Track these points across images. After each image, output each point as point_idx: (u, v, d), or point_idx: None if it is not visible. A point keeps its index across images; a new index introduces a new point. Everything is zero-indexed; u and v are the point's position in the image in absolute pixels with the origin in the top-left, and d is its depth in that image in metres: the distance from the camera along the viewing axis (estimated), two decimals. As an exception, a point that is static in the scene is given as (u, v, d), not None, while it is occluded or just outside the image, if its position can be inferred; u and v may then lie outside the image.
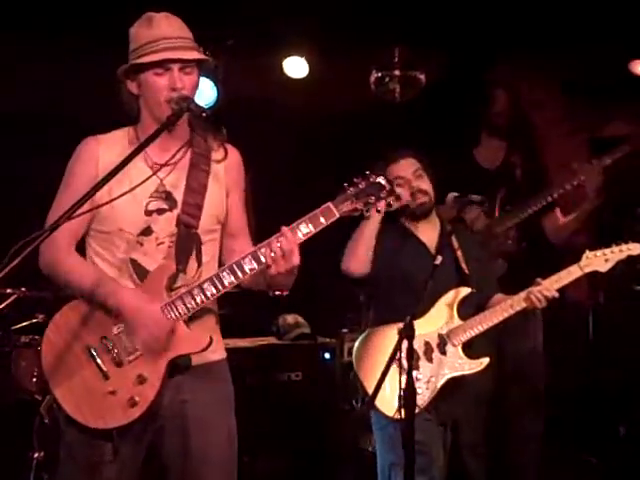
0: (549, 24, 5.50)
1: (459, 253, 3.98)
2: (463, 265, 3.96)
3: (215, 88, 5.75)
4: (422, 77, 6.01)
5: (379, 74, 6.01)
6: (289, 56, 6.01)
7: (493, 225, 4.83)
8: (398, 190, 3.92)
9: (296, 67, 6.02)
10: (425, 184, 3.99)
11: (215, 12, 5.28)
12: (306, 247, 2.93)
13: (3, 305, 4.70)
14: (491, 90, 5.17)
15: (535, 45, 5.80)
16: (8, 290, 4.79)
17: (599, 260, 3.90)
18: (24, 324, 5.12)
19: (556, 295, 3.84)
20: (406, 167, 4.00)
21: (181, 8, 3.06)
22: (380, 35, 5.69)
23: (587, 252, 3.91)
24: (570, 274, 3.90)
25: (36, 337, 5.01)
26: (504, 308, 3.88)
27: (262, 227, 3.16)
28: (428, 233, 4.03)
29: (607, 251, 3.91)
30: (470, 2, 5.39)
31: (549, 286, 3.84)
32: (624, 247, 3.91)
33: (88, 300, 2.94)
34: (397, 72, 5.98)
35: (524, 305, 3.86)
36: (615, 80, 5.93)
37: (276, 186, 6.07)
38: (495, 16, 5.51)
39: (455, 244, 3.98)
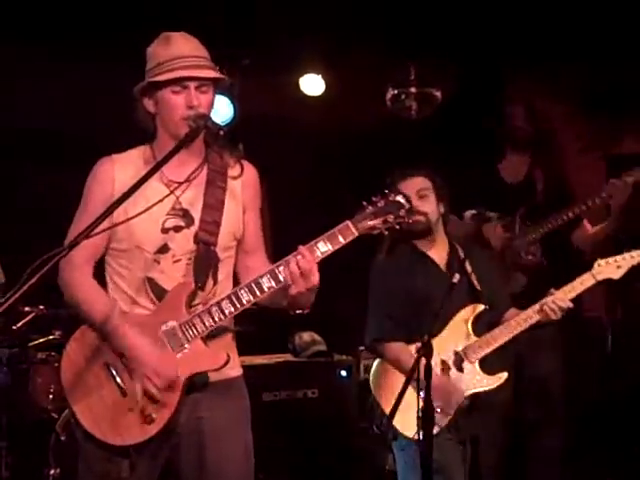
0: (565, 40, 5.51)
1: (470, 270, 3.95)
2: (475, 282, 3.94)
3: (232, 106, 5.78)
4: (438, 94, 6.04)
5: (395, 91, 6.04)
6: (305, 74, 6.04)
7: (513, 239, 4.83)
8: (420, 202, 3.91)
9: (312, 84, 6.05)
10: (426, 206, 3.95)
11: (231, 31, 5.32)
12: (323, 264, 2.92)
13: (21, 323, 4.72)
14: (509, 106, 5.18)
15: (551, 61, 5.81)
16: (26, 308, 4.81)
17: (611, 267, 3.86)
18: (41, 340, 5.14)
19: (570, 305, 3.81)
20: (411, 186, 3.94)
21: (198, 27, 3.08)
22: (396, 52, 5.72)
23: (599, 260, 3.88)
24: (583, 283, 3.86)
25: (53, 354, 5.03)
26: (518, 322, 3.86)
27: (278, 243, 3.17)
28: (438, 252, 4.02)
29: (619, 258, 3.87)
30: (486, 19, 5.40)
31: (563, 296, 3.81)
32: (635, 253, 3.87)
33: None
34: (413, 89, 6.01)
35: (538, 318, 3.83)
36: (631, 96, 5.92)
37: (292, 202, 6.08)
38: (511, 32, 5.53)
39: (466, 261, 3.95)
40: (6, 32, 5.13)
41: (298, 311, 3.03)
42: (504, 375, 3.83)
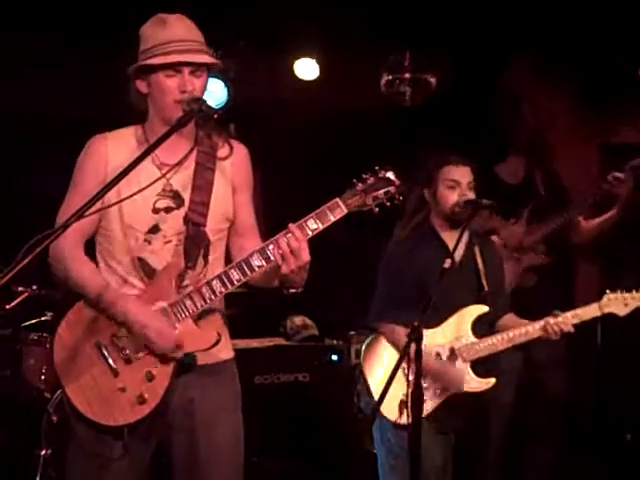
0: (561, 31, 5.50)
1: (481, 267, 3.94)
2: (484, 281, 3.92)
3: (226, 89, 5.77)
4: (433, 80, 6.03)
5: (389, 77, 6.03)
6: (300, 58, 6.02)
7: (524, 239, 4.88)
8: (447, 192, 3.91)
9: (307, 69, 6.03)
10: (472, 197, 3.91)
11: (227, 14, 5.30)
12: (314, 248, 2.92)
13: (14, 303, 4.71)
14: (504, 107, 5.20)
15: (547, 52, 5.80)
16: (20, 288, 4.81)
17: (619, 304, 3.87)
18: (33, 322, 5.14)
19: (571, 330, 3.81)
20: (464, 174, 3.93)
21: (193, 10, 3.07)
22: (391, 38, 5.70)
23: (608, 293, 3.89)
24: (588, 313, 3.87)
25: (44, 335, 5.03)
26: (520, 334, 3.86)
27: (273, 227, 3.16)
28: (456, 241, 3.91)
29: (627, 296, 3.87)
30: (482, 8, 5.39)
31: (566, 320, 3.81)
32: None
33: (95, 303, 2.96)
34: (407, 75, 6.00)
35: (539, 334, 3.84)
36: (626, 87, 5.93)
37: (287, 186, 6.08)
38: (507, 23, 5.52)
39: (479, 258, 3.95)
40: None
41: (291, 290, 3.00)
42: (492, 381, 3.83)
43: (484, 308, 3.89)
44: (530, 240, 4.86)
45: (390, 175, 2.95)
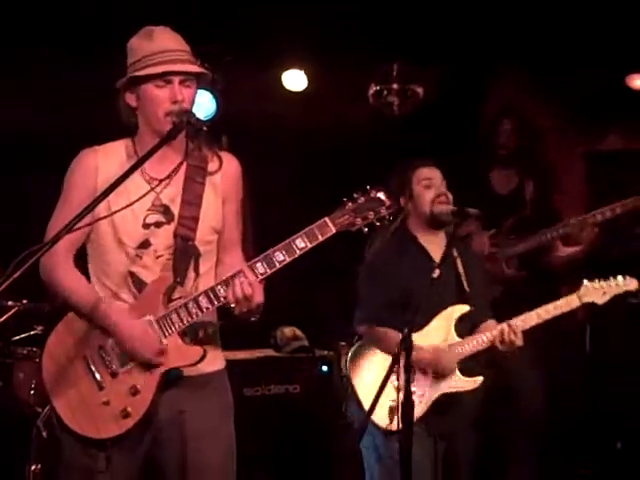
0: (546, 39, 5.53)
1: (461, 270, 3.97)
2: (464, 283, 3.96)
3: (214, 101, 5.77)
4: (420, 90, 6.06)
5: (377, 87, 6.05)
6: (288, 69, 6.04)
7: (498, 251, 4.89)
8: (424, 191, 3.97)
9: (295, 80, 6.05)
10: (450, 195, 4.00)
11: (214, 27, 5.32)
12: (304, 260, 2.92)
13: (4, 317, 4.71)
14: (498, 119, 5.23)
15: (532, 59, 5.83)
16: (9, 302, 4.80)
17: (597, 292, 3.92)
18: (22, 336, 5.13)
19: (519, 343, 3.82)
20: (436, 173, 4.04)
21: (179, 23, 3.08)
22: (379, 49, 5.73)
23: (585, 282, 3.93)
24: (568, 303, 3.92)
25: (34, 349, 5.02)
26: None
27: (260, 240, 3.17)
28: (436, 245, 4.01)
29: (604, 284, 3.93)
30: (470, 18, 5.42)
31: (515, 329, 3.82)
32: (621, 282, 3.95)
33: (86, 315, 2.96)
34: (395, 85, 6.02)
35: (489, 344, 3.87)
36: (611, 94, 5.97)
37: (275, 198, 6.09)
38: (492, 32, 5.55)
39: (457, 259, 3.98)
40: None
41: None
42: (479, 379, 3.86)
43: (465, 307, 3.93)
44: (506, 253, 4.89)
45: (381, 195, 2.93)
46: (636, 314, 5.95)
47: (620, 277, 3.95)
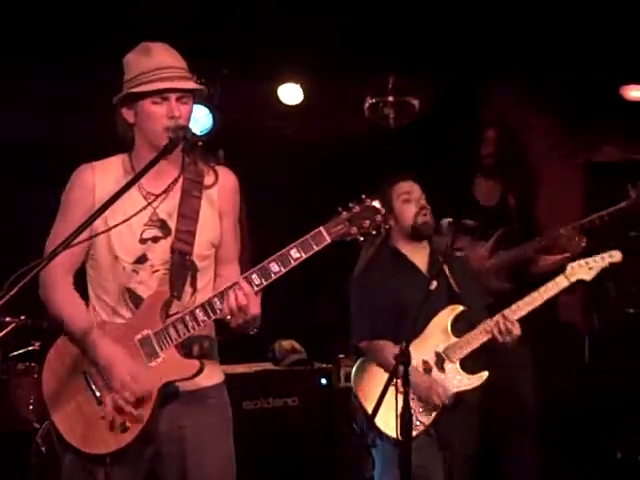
0: (543, 50, 5.56)
1: (450, 276, 3.99)
2: (453, 285, 3.98)
3: (211, 115, 5.79)
4: (416, 103, 6.08)
5: (373, 100, 6.08)
6: (284, 83, 6.06)
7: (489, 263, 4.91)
8: (403, 206, 4.01)
9: (291, 94, 6.07)
10: (429, 207, 4.04)
11: (210, 41, 5.34)
12: (301, 272, 2.91)
13: (2, 333, 4.72)
14: (482, 130, 5.24)
15: (529, 70, 5.86)
16: (7, 318, 4.81)
17: (583, 269, 3.94)
18: (20, 351, 5.13)
19: (517, 332, 3.83)
20: (414, 187, 4.09)
21: (175, 38, 3.09)
22: (374, 62, 5.75)
23: (570, 263, 3.96)
24: (557, 284, 3.94)
25: (32, 364, 5.02)
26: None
27: (257, 252, 3.16)
28: (419, 256, 4.07)
29: (590, 260, 3.96)
30: (465, 30, 5.44)
31: (510, 315, 3.84)
32: (605, 255, 3.96)
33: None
34: (391, 98, 6.04)
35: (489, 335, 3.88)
36: (607, 105, 5.99)
37: (271, 211, 6.10)
38: (489, 42, 5.57)
39: (446, 268, 3.99)
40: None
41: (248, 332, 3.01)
42: (485, 374, 3.87)
43: (459, 307, 3.94)
44: (494, 264, 4.90)
45: (376, 204, 2.92)
46: (635, 323, 5.98)
47: (606, 252, 3.97)
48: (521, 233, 4.95)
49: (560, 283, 3.94)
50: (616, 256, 3.97)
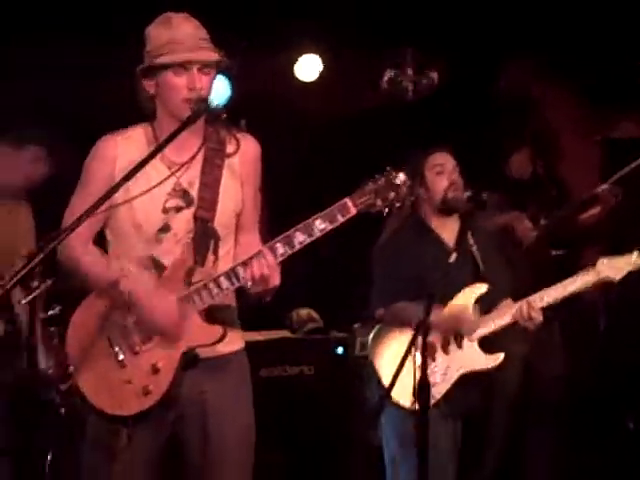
0: (561, 27, 5.55)
1: (476, 252, 4.00)
2: (480, 264, 3.98)
3: (229, 85, 5.81)
4: (435, 76, 6.08)
5: (392, 73, 6.07)
6: (302, 55, 6.07)
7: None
8: (435, 178, 4.00)
9: (308, 68, 6.08)
10: (461, 181, 4.02)
11: (228, 13, 5.35)
12: (320, 242, 2.94)
13: (30, 297, 4.81)
14: (528, 106, 5.28)
15: (548, 47, 5.85)
16: (35, 282, 4.88)
17: (613, 268, 3.93)
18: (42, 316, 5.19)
19: (539, 318, 3.85)
20: (448, 159, 4.05)
21: (194, 9, 3.10)
22: (392, 37, 5.74)
23: (601, 258, 3.95)
24: (584, 278, 3.93)
25: (52, 329, 5.08)
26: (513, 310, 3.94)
27: (273, 226, 3.20)
28: (448, 230, 4.05)
29: (621, 259, 3.94)
30: (484, 7, 5.43)
31: (534, 304, 3.85)
32: (638, 257, 3.96)
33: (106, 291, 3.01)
34: (410, 71, 6.04)
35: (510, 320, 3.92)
36: (625, 82, 5.98)
37: (287, 186, 6.12)
38: (510, 17, 5.56)
39: (472, 242, 4.01)
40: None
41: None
42: (501, 356, 3.88)
43: (484, 287, 3.94)
44: (540, 234, 4.95)
45: (401, 176, 2.95)
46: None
47: (635, 253, 3.99)
48: (558, 200, 4.99)
49: (588, 277, 3.93)
50: None
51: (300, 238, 2.90)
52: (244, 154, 3.14)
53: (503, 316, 3.91)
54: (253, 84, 5.85)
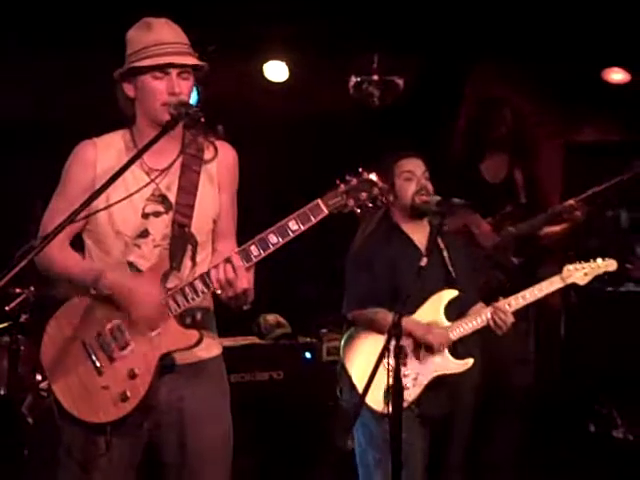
0: (526, 31, 5.61)
1: (446, 255, 4.05)
2: (450, 268, 4.03)
3: (196, 90, 5.78)
4: (400, 82, 6.12)
5: (358, 79, 6.10)
6: (269, 60, 6.08)
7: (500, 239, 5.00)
8: (404, 184, 4.02)
9: (276, 71, 6.09)
10: (430, 186, 4.04)
11: (196, 17, 5.33)
12: (287, 247, 2.95)
13: (14, 304, 4.79)
14: (498, 109, 5.33)
15: (512, 51, 5.91)
16: (17, 290, 4.85)
17: (579, 274, 4.05)
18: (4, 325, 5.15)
19: (511, 319, 3.92)
20: (418, 164, 4.07)
21: (163, 13, 3.11)
22: (359, 40, 5.78)
23: (567, 265, 4.06)
24: (552, 284, 4.03)
25: (19, 337, 5.03)
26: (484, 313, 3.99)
27: (243, 229, 3.21)
28: (419, 234, 4.08)
29: (586, 265, 4.06)
30: (448, 11, 5.49)
31: (504, 308, 3.93)
32: (602, 263, 4.08)
33: (84, 291, 3.01)
34: (376, 77, 6.08)
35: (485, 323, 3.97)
36: (588, 87, 6.08)
37: (256, 189, 6.12)
38: (474, 22, 5.61)
39: (442, 246, 4.06)
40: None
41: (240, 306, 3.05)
42: (470, 361, 3.93)
43: (454, 292, 3.99)
44: (503, 240, 4.99)
45: (372, 177, 2.97)
46: (609, 301, 6.10)
47: (600, 259, 4.09)
48: (528, 209, 5.05)
49: (555, 283, 4.03)
50: (612, 265, 4.10)
51: (273, 240, 2.92)
52: (222, 161, 3.16)
53: (475, 320, 3.97)
54: (220, 88, 5.83)
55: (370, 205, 2.98)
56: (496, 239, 5.00)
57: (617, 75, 5.98)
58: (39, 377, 4.66)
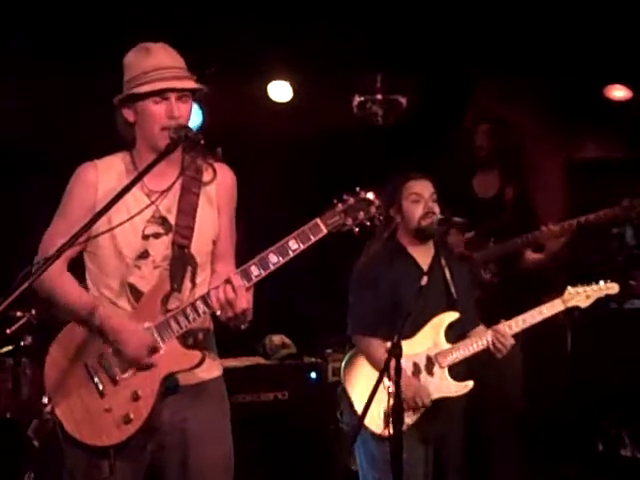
0: (528, 48, 5.62)
1: (448, 276, 4.05)
2: (452, 289, 4.03)
3: (200, 112, 5.81)
4: (403, 101, 6.14)
5: (362, 98, 6.13)
6: (273, 80, 6.10)
7: (473, 255, 4.97)
8: (411, 206, 4.02)
9: (280, 91, 6.11)
10: (437, 209, 4.04)
11: (199, 38, 5.37)
12: (291, 267, 2.97)
13: (15, 327, 4.80)
14: (476, 125, 5.33)
15: (513, 68, 5.93)
16: (18, 313, 4.86)
17: (581, 297, 4.05)
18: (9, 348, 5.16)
19: (512, 342, 3.93)
20: (426, 187, 4.07)
21: (164, 35, 3.14)
22: (363, 60, 5.80)
23: (569, 288, 4.05)
24: (553, 307, 4.04)
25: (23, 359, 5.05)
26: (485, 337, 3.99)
27: (243, 251, 3.22)
28: (423, 256, 4.08)
29: (588, 288, 4.06)
30: (452, 28, 5.51)
31: (504, 331, 3.94)
32: (604, 286, 4.08)
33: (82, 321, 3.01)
34: (379, 96, 6.10)
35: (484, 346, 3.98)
36: (590, 104, 6.08)
37: (260, 210, 6.14)
38: (475, 41, 5.64)
39: (446, 269, 4.06)
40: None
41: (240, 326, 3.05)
42: (470, 384, 3.94)
43: (455, 314, 4.00)
44: (483, 256, 4.98)
45: (370, 196, 2.99)
46: (614, 318, 6.08)
47: (602, 281, 4.08)
48: (515, 226, 5.03)
49: (556, 306, 4.04)
50: (613, 288, 4.10)
51: (274, 259, 2.93)
52: (220, 183, 3.18)
53: (475, 344, 3.97)
54: (224, 110, 5.86)
55: (368, 224, 3.00)
56: (459, 251, 4.97)
57: (619, 92, 5.99)
58: (45, 400, 4.66)
